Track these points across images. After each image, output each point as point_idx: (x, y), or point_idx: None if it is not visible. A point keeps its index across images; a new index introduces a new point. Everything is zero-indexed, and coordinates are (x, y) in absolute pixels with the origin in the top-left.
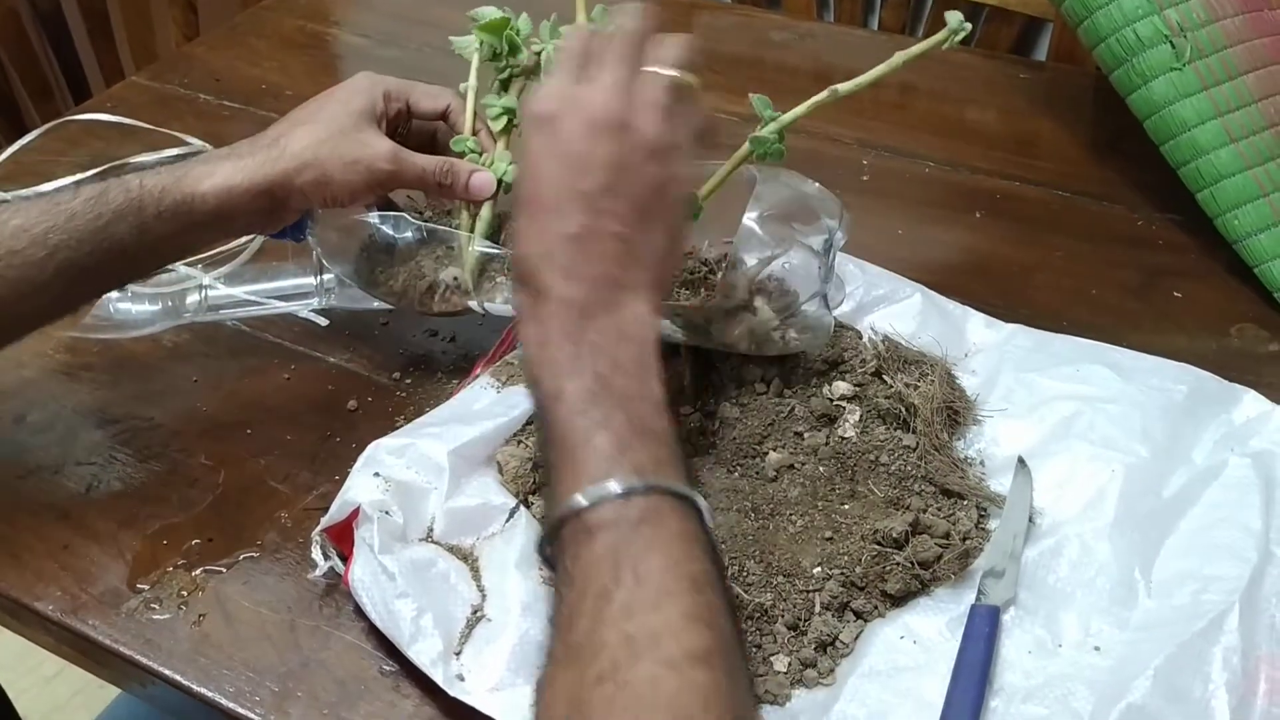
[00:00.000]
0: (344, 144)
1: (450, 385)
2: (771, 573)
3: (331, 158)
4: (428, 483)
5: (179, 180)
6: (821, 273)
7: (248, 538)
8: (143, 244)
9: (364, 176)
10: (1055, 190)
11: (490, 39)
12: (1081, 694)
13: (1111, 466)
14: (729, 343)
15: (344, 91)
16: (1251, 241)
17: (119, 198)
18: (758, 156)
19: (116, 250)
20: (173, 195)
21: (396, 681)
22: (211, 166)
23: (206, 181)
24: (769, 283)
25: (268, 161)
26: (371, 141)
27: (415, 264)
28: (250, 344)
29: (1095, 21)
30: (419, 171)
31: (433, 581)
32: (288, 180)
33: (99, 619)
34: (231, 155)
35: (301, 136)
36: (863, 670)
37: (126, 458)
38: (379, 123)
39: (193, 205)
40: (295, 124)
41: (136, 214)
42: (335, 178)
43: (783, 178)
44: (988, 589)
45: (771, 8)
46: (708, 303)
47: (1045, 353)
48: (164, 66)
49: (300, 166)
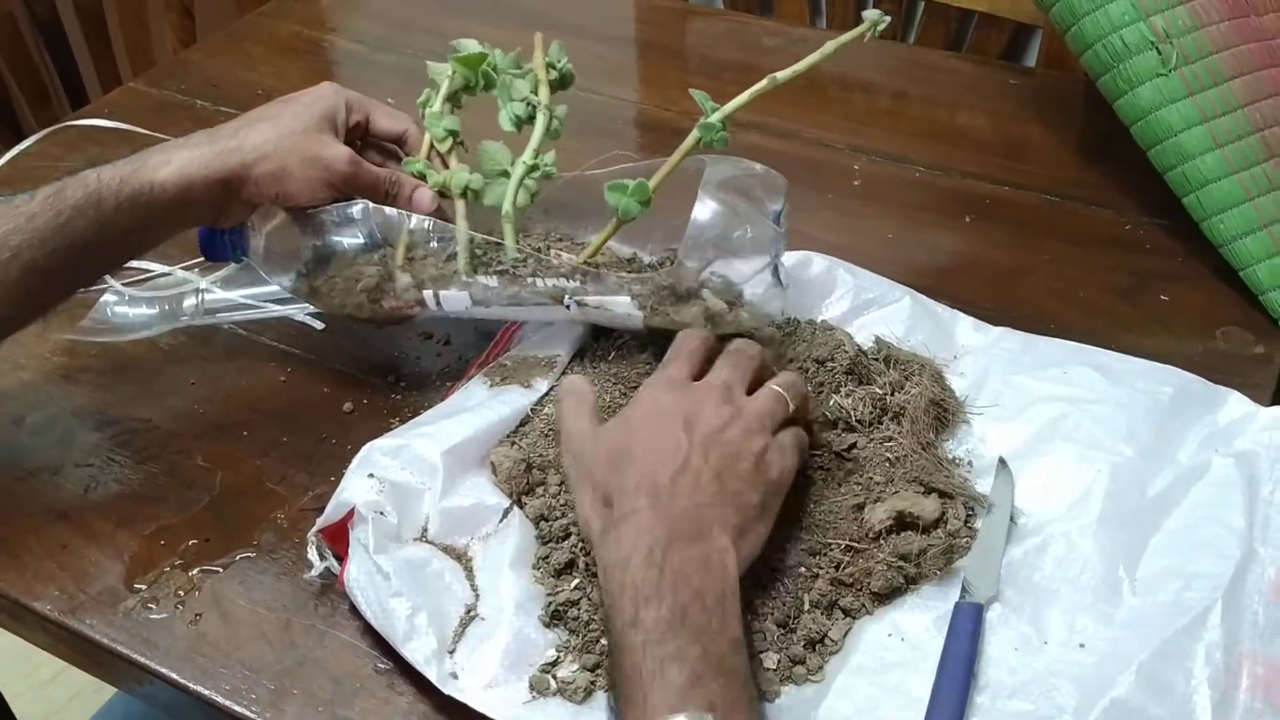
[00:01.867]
0: (304, 141)
1: (445, 387)
2: (759, 570)
3: (291, 153)
4: (422, 483)
5: (136, 171)
6: (772, 247)
7: (244, 538)
8: (104, 238)
9: (321, 174)
10: (1044, 194)
11: (466, 73)
12: (1066, 689)
13: (1097, 466)
14: (687, 323)
15: (308, 96)
16: (1237, 245)
17: (77, 193)
18: (704, 144)
19: (80, 247)
20: (131, 185)
21: (391, 679)
22: (168, 155)
23: (164, 170)
24: (712, 279)
25: (225, 151)
26: (330, 143)
27: (355, 269)
28: (246, 347)
29: (1082, 28)
30: (372, 179)
31: (427, 581)
32: (245, 170)
33: (97, 618)
34: (188, 144)
35: (263, 130)
36: (851, 667)
37: (124, 459)
38: (338, 130)
39: (152, 194)
40: (256, 120)
41: (96, 208)
42: (293, 172)
43: (729, 161)
44: (971, 587)
45: (764, 14)
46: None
47: (1033, 355)
48: (161, 72)
49: (259, 158)
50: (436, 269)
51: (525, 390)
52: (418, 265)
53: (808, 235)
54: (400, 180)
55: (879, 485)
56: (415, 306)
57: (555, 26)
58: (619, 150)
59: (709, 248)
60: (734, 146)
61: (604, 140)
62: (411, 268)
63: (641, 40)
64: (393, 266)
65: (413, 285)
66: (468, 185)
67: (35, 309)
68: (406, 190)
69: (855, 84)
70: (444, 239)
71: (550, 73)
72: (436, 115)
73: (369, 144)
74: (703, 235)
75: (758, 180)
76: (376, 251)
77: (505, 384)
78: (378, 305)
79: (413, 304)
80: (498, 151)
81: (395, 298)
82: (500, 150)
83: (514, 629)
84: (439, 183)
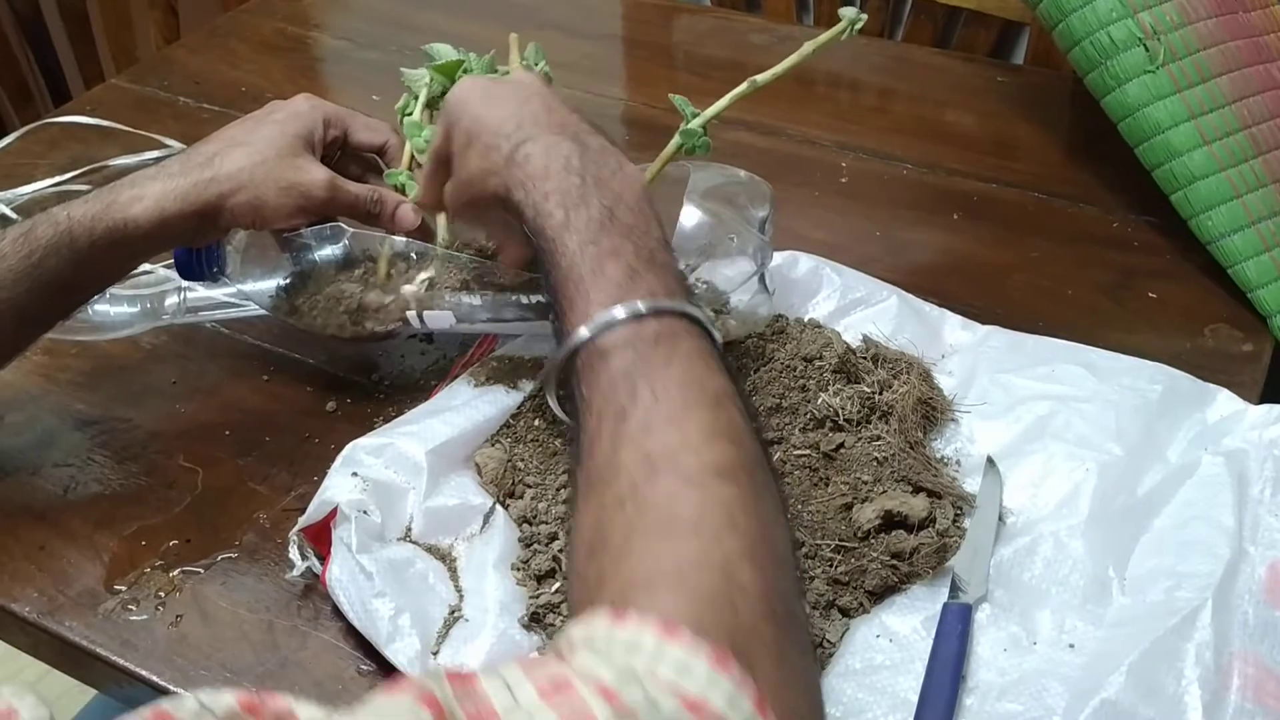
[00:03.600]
0: (279, 167)
1: (429, 386)
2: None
3: (266, 181)
4: (406, 482)
5: (108, 207)
6: (758, 255)
7: (226, 539)
8: (79, 276)
9: (297, 201)
10: (1032, 192)
11: (442, 80)
12: (1056, 690)
13: (1086, 465)
14: None
15: (282, 114)
16: (1225, 242)
17: (48, 232)
18: (686, 150)
19: (55, 285)
20: (104, 223)
21: (374, 681)
22: (140, 189)
23: (137, 206)
24: (697, 285)
25: (200, 183)
26: (307, 167)
27: (336, 287)
28: (229, 346)
29: (1070, 25)
30: (351, 199)
31: (410, 581)
32: (220, 201)
33: (76, 620)
34: (160, 175)
35: (236, 158)
36: (839, 670)
37: (104, 459)
38: (315, 148)
39: (126, 231)
40: (230, 144)
41: (69, 246)
42: (268, 201)
43: (714, 168)
44: (960, 587)
45: (751, 11)
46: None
47: (1021, 353)
48: (144, 69)
49: (234, 188)
50: (419, 288)
51: (510, 390)
52: (400, 282)
53: (795, 233)
54: (382, 198)
55: (867, 485)
56: (398, 324)
57: (541, 23)
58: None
59: (695, 256)
60: (720, 144)
61: None
62: (394, 286)
63: (628, 37)
64: (375, 285)
65: (395, 305)
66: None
67: (12, 348)
68: (389, 208)
69: (843, 81)
70: (426, 255)
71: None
72: (416, 124)
73: (349, 155)
74: (689, 243)
75: (743, 187)
76: (358, 268)
77: (490, 383)
78: (360, 326)
79: (395, 323)
80: None
81: (378, 318)
82: None
83: (498, 631)
84: (419, 195)
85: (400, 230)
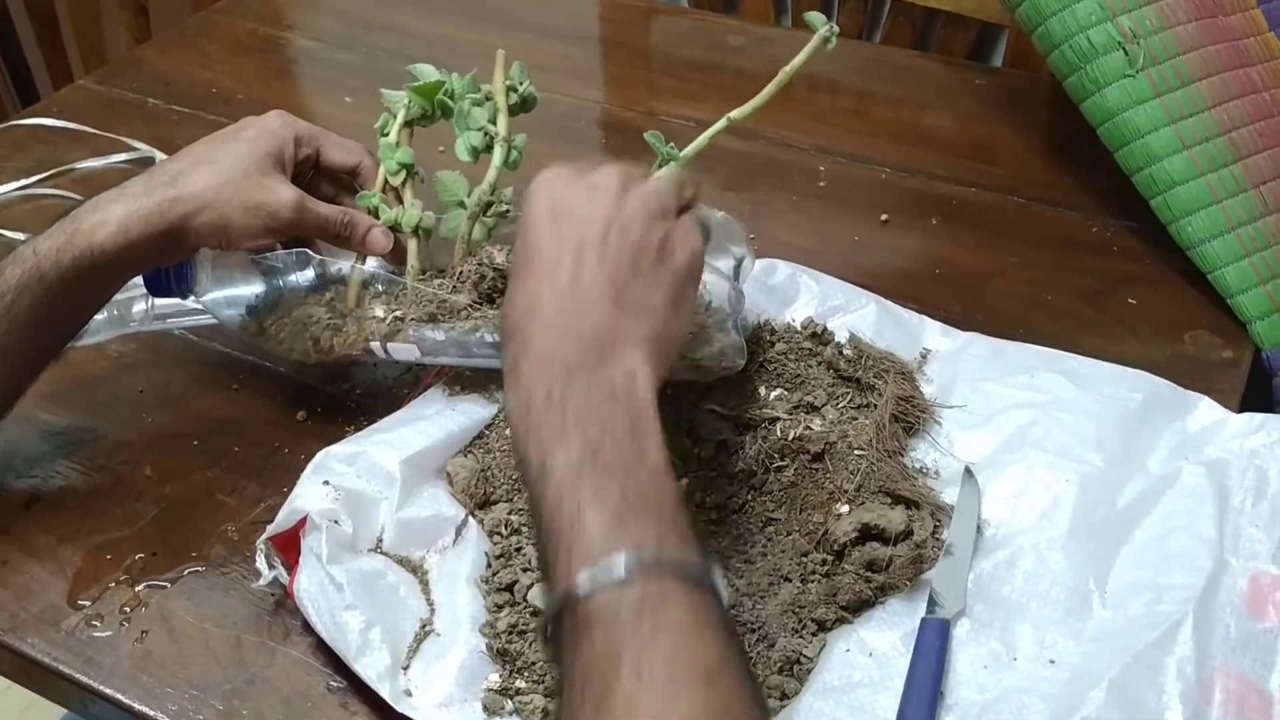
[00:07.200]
0: (246, 187)
1: (401, 395)
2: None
3: (232, 201)
4: (378, 492)
5: (72, 236)
6: (732, 298)
7: (193, 552)
8: (54, 312)
9: (264, 222)
10: (1011, 196)
11: (422, 102)
12: (1036, 707)
13: (1066, 476)
14: None
15: (252, 131)
16: (1205, 248)
17: (16, 272)
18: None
19: (32, 325)
20: (70, 253)
21: (344, 698)
22: (103, 213)
23: (101, 231)
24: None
25: (164, 203)
26: (274, 186)
27: (304, 311)
28: (197, 354)
29: (1049, 28)
30: (321, 220)
31: (381, 594)
32: (185, 222)
33: (38, 637)
34: (123, 197)
35: (201, 176)
36: (817, 687)
37: (69, 470)
38: (285, 167)
39: (94, 258)
40: (196, 161)
41: (39, 283)
42: (234, 221)
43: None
44: (937, 601)
45: (729, 13)
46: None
47: (1001, 360)
48: (113, 70)
49: (199, 208)
50: (385, 320)
51: (486, 401)
52: (369, 309)
53: (773, 238)
54: (353, 220)
55: (845, 494)
56: (362, 353)
57: (518, 25)
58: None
59: None
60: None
61: (568, 142)
62: (362, 313)
63: (606, 39)
64: (343, 311)
65: (359, 336)
66: (419, 224)
67: (6, 392)
68: (359, 231)
69: (821, 83)
70: (395, 285)
71: (511, 96)
72: (390, 147)
73: (321, 175)
74: None
75: (719, 229)
76: (327, 292)
77: (464, 392)
78: (324, 354)
79: (359, 351)
80: (454, 182)
81: (344, 345)
82: (457, 180)
83: (469, 646)
84: (391, 219)
85: (372, 253)
